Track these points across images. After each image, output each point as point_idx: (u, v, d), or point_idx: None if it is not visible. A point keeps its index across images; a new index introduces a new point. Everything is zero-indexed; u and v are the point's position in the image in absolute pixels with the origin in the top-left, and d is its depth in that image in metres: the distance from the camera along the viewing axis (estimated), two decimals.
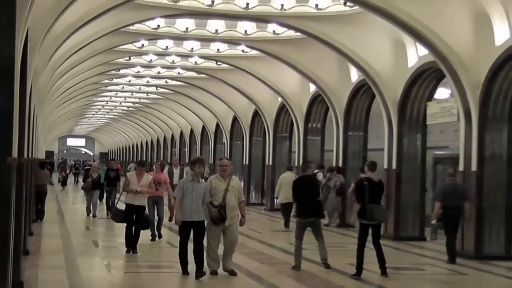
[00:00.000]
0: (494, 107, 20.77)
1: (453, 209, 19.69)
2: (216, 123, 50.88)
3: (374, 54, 25.47)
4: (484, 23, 20.31)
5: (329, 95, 30.40)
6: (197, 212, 15.36)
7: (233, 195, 15.98)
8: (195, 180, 15.66)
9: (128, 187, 19.42)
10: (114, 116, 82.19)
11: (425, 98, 25.26)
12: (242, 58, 33.64)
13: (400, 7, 20.48)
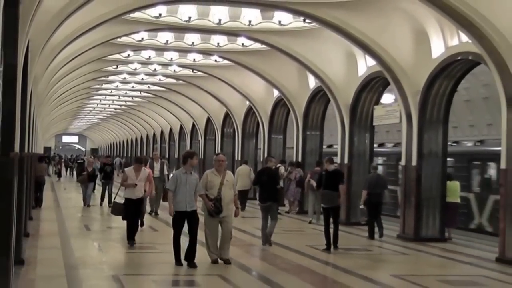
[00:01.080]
0: (431, 111, 20.96)
1: (375, 196, 20.76)
2: (192, 123, 50.80)
3: (329, 64, 25.53)
4: (422, 39, 20.49)
5: (290, 100, 30.44)
6: (190, 203, 14.19)
7: (228, 188, 14.90)
8: (188, 172, 14.47)
9: (127, 182, 17.64)
10: (104, 117, 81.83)
11: (373, 102, 25.35)
12: (214, 67, 33.59)
13: (351, 24, 20.55)
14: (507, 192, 17.18)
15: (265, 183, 18.41)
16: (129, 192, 17.54)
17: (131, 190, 17.49)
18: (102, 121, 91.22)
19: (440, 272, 16.06)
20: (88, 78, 37.79)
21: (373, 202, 20.67)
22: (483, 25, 16.53)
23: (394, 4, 19.36)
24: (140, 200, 17.72)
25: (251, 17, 23.67)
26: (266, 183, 18.35)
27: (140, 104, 58.91)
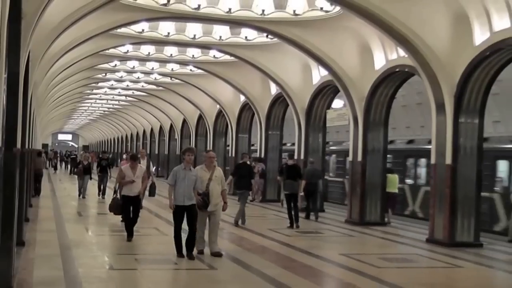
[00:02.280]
0: (374, 114, 21.11)
1: (312, 185, 21.04)
2: (170, 124, 50.32)
3: (287, 74, 25.64)
4: (367, 53, 20.63)
5: (255, 104, 30.46)
6: (189, 197, 12.88)
7: (217, 184, 13.66)
8: (187, 168, 13.07)
9: (124, 179, 15.67)
10: (94, 118, 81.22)
11: (325, 107, 25.52)
12: (190, 75, 33.53)
13: (307, 39, 20.66)
14: (436, 183, 17.45)
15: (242, 175, 19.39)
16: (127, 189, 15.59)
17: (129, 187, 15.55)
18: (92, 122, 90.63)
19: (381, 251, 16.21)
20: (80, 84, 37.68)
21: (310, 190, 20.94)
22: (417, 42, 16.71)
23: (343, 23, 19.39)
24: (137, 197, 15.76)
25: (222, 33, 23.68)
26: (243, 175, 19.40)
27: (125, 107, 58.60)
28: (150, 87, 40.76)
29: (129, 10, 18.60)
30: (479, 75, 16.58)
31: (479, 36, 15.97)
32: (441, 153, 17.22)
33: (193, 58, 28.74)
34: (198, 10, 19.11)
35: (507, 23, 15.13)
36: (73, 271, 11.68)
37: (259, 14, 19.34)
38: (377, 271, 12.74)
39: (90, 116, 79.56)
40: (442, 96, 17.06)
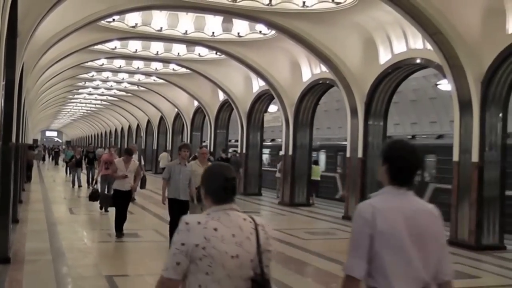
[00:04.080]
0: (302, 117, 21.35)
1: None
2: (147, 121, 46.20)
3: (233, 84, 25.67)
4: (296, 68, 20.91)
5: (206, 108, 30.41)
6: (183, 192, 11.08)
7: None
8: (182, 163, 11.28)
9: (117, 173, 13.08)
10: (76, 118, 79.66)
11: (263, 110, 25.69)
12: (153, 84, 33.19)
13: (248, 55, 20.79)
14: (350, 172, 17.84)
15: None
16: (119, 183, 13.07)
17: (121, 181, 12.98)
18: (73, 121, 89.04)
19: (306, 226, 16.44)
20: (64, 91, 37.62)
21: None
22: (336, 60, 17.04)
23: (278, 43, 19.58)
24: (129, 192, 13.03)
25: (180, 50, 23.55)
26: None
27: (100, 109, 57.42)
28: (120, 93, 40.27)
29: (104, 30, 18.50)
30: (383, 87, 16.99)
31: (383, 57, 16.41)
32: (354, 149, 17.56)
33: (156, 70, 28.61)
34: (161, 32, 19.11)
35: (404, 48, 15.65)
36: (57, 243, 11.70)
37: (210, 35, 19.42)
38: (303, 242, 12.96)
39: (72, 116, 78.11)
40: (355, 103, 17.40)
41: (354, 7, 14.76)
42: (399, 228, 3.09)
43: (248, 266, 3.11)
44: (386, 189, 3.27)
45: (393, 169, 3.09)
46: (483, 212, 12.83)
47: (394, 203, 3.17)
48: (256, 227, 3.24)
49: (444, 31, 12.67)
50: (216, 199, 3.23)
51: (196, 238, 3.01)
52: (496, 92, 12.91)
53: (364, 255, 3.11)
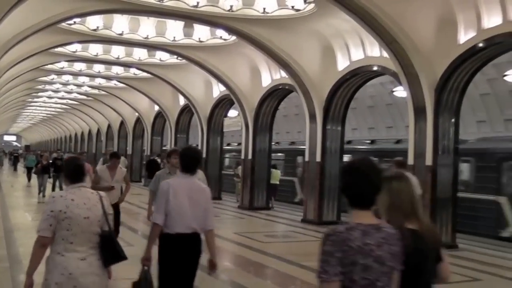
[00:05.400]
0: (261, 122, 21.41)
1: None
2: (108, 125, 45.33)
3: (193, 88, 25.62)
4: (256, 72, 21.01)
5: (167, 112, 30.30)
6: None
7: None
8: (172, 172, 8.90)
9: (100, 184, 10.09)
10: (36, 122, 78.16)
11: (223, 115, 25.70)
12: (114, 88, 32.87)
13: (208, 60, 20.77)
14: (309, 176, 18.02)
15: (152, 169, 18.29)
16: None
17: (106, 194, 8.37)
18: (33, 125, 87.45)
19: (265, 229, 16.54)
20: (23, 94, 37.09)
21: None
22: (295, 66, 17.22)
23: (238, 49, 19.61)
24: (115, 207, 9.71)
25: (140, 54, 23.37)
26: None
27: (61, 113, 56.37)
28: (80, 96, 39.70)
29: (65, 33, 18.27)
30: (341, 93, 17.25)
31: (341, 64, 16.68)
32: (312, 153, 17.73)
33: (116, 74, 28.37)
34: (122, 36, 19.00)
35: (361, 55, 15.96)
36: (14, 250, 11.43)
37: (171, 40, 19.41)
38: (262, 245, 13.02)
39: (32, 120, 76.66)
40: (314, 109, 17.59)
41: (313, 15, 14.98)
42: (181, 195, 5.47)
43: (96, 224, 4.59)
44: (180, 175, 5.72)
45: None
46: (436, 213, 13.25)
47: (184, 183, 5.60)
48: (101, 198, 4.72)
49: (399, 40, 13.02)
50: (71, 180, 4.68)
51: (60, 206, 4.49)
52: (448, 99, 13.43)
53: (163, 211, 5.43)
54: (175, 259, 5.52)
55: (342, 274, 2.77)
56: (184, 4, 15.26)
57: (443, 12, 12.86)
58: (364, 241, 2.80)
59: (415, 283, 3.24)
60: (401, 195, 3.34)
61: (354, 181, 2.97)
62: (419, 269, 3.26)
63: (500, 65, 16.52)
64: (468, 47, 12.59)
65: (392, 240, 2.91)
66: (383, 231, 2.90)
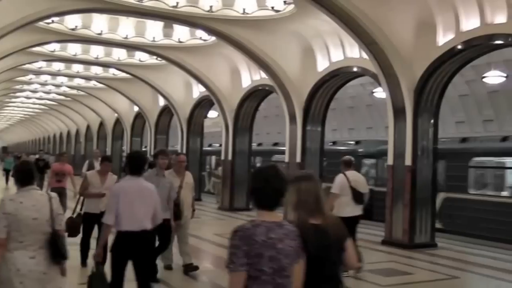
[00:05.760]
0: (241, 123, 21.41)
1: None
2: (87, 126, 45.08)
3: (173, 89, 25.51)
4: (236, 73, 20.98)
5: (146, 113, 30.12)
6: (164, 210, 7.77)
7: (188, 191, 9.72)
8: (160, 174, 8.62)
9: (88, 190, 9.51)
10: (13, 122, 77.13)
11: (203, 116, 25.70)
12: (93, 89, 32.63)
13: (188, 61, 20.69)
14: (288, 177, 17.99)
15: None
16: (92, 204, 9.44)
17: (95, 202, 9.40)
18: (11, 126, 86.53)
19: None
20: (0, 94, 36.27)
21: None
22: (275, 67, 17.22)
23: (218, 49, 19.59)
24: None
25: (120, 54, 23.18)
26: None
27: (39, 114, 55.70)
28: (59, 97, 39.27)
29: (43, 32, 18.07)
30: (321, 94, 17.28)
31: (321, 65, 16.71)
32: (293, 154, 17.72)
33: (95, 75, 28.09)
34: (101, 35, 18.82)
35: (341, 56, 16.01)
36: None
37: (151, 40, 19.29)
38: None
39: (9, 121, 75.65)
40: (294, 109, 17.60)
41: (293, 16, 14.98)
42: (130, 196, 6.06)
43: (45, 224, 4.92)
44: (127, 178, 6.32)
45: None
46: (416, 213, 13.42)
47: (132, 184, 6.19)
48: (50, 199, 5.02)
49: (379, 41, 13.09)
50: (21, 183, 5.02)
51: (9, 209, 4.83)
52: (427, 100, 13.55)
53: (113, 212, 5.99)
54: (126, 255, 6.10)
55: (248, 265, 3.16)
56: (163, 5, 15.17)
57: (422, 15, 12.97)
58: (268, 236, 3.21)
59: (320, 271, 3.63)
60: (308, 194, 3.71)
61: (260, 186, 3.39)
62: (322, 259, 3.62)
63: (478, 67, 16.68)
64: (447, 49, 12.72)
65: (292, 235, 3.32)
66: (284, 228, 3.32)
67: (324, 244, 3.64)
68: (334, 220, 3.87)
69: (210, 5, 15.16)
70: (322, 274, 3.65)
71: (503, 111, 18.89)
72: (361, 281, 9.77)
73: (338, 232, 3.79)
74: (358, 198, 9.94)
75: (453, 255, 12.78)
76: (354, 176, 10.16)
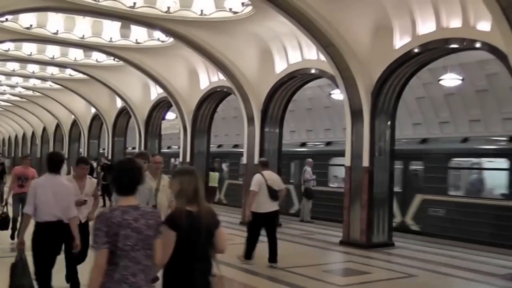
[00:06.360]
0: (200, 124, 21.37)
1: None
2: (43, 128, 44.24)
3: (130, 90, 25.24)
4: (194, 74, 20.88)
5: (103, 115, 29.75)
6: None
7: (165, 195, 8.45)
8: None
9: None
10: None
11: (161, 118, 25.52)
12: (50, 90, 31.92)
13: (146, 62, 20.49)
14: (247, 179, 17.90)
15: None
16: None
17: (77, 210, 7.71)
18: None
19: None
20: None
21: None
22: (233, 69, 17.16)
23: (176, 51, 19.37)
24: (85, 226, 7.81)
25: (76, 54, 22.73)
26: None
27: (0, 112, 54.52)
28: (14, 98, 38.44)
29: None
30: (279, 95, 17.29)
31: (279, 66, 16.72)
32: (251, 155, 17.70)
33: (52, 75, 27.52)
34: (57, 35, 18.42)
35: (299, 58, 16.03)
36: None
37: (108, 41, 18.99)
38: None
39: None
40: (252, 111, 17.56)
41: (251, 17, 14.93)
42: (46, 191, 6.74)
43: None
44: (46, 175, 6.94)
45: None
46: (373, 213, 13.54)
47: (49, 180, 6.88)
48: None
49: (336, 44, 13.13)
50: None
51: None
52: (384, 102, 13.67)
53: (32, 204, 6.71)
54: (45, 242, 6.76)
55: (108, 243, 3.73)
56: (120, 5, 14.94)
57: (379, 18, 13.07)
58: (123, 217, 3.78)
59: (192, 252, 4.23)
60: (188, 185, 4.36)
61: (118, 176, 4.01)
62: (193, 241, 4.23)
63: (435, 70, 16.87)
64: (403, 52, 12.87)
65: (148, 216, 3.89)
66: (140, 209, 3.90)
67: (194, 227, 4.22)
68: (208, 209, 4.45)
69: (168, 6, 15.01)
70: (194, 255, 4.24)
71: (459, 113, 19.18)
72: (318, 282, 9.75)
73: (210, 220, 4.38)
74: (273, 195, 10.77)
75: (411, 254, 12.91)
76: (270, 175, 11.03)
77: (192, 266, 4.24)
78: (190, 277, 4.23)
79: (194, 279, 4.24)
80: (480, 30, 11.15)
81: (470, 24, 11.35)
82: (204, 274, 4.34)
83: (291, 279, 9.86)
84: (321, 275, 10.21)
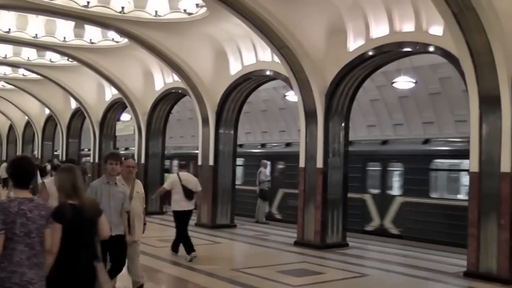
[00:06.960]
0: (154, 126, 21.17)
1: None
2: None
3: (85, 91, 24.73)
4: (149, 75, 20.65)
5: (58, 116, 29.14)
6: (117, 225, 6.99)
7: (138, 202, 8.12)
8: (111, 181, 7.22)
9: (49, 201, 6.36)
10: None
11: (115, 119, 25.15)
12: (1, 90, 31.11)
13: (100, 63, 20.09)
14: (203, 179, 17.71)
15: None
16: None
17: None
18: None
19: (158, 234, 16.08)
20: None
21: None
22: (187, 70, 17.01)
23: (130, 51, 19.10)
24: None
25: (29, 54, 22.11)
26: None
27: None
28: None
29: None
30: (234, 97, 17.22)
31: (234, 68, 16.66)
32: (206, 156, 17.60)
33: (4, 75, 26.73)
34: (9, 33, 17.87)
35: (253, 59, 16.00)
36: None
37: (62, 40, 18.57)
38: (155, 250, 12.73)
39: None
40: (206, 113, 17.45)
41: (205, 19, 14.81)
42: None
43: None
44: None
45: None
46: (327, 214, 13.58)
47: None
48: None
49: (290, 46, 13.12)
50: None
51: None
52: (338, 104, 13.69)
53: None
54: None
55: (5, 230, 4.16)
56: (74, 4, 14.61)
57: (333, 20, 13.12)
58: (20, 208, 4.26)
59: (78, 239, 4.68)
60: (65, 181, 4.85)
61: (15, 171, 4.48)
62: (78, 229, 4.69)
63: (389, 73, 17.08)
64: (357, 55, 12.93)
65: (41, 207, 4.39)
66: (34, 202, 4.39)
67: (78, 218, 4.70)
68: (90, 202, 5.00)
69: (122, 6, 14.76)
70: (80, 242, 4.69)
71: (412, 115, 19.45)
72: (272, 282, 9.70)
73: (92, 211, 4.89)
74: (188, 195, 11.70)
75: (364, 254, 13.04)
76: (186, 177, 11.93)
77: (78, 252, 4.70)
78: (76, 262, 4.68)
79: (79, 264, 4.71)
80: (433, 34, 11.29)
81: (423, 28, 11.49)
82: (89, 259, 4.80)
83: (245, 280, 9.82)
84: (275, 275, 10.16)
